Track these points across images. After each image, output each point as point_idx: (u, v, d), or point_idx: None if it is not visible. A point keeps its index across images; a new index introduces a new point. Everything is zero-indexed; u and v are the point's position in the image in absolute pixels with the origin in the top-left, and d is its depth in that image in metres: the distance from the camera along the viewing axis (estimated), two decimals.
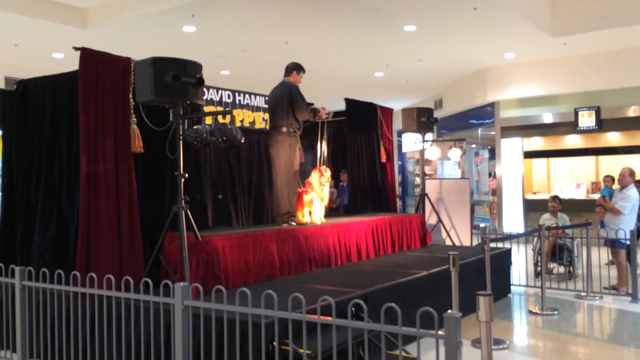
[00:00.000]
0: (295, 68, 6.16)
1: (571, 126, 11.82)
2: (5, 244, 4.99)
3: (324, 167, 6.36)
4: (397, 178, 16.18)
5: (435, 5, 8.36)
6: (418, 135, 8.57)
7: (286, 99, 5.95)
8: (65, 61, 10.49)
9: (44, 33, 9.30)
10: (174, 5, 8.19)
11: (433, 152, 8.87)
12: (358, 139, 8.11)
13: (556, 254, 7.93)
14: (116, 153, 4.54)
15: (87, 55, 4.48)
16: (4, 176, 5.22)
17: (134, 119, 4.64)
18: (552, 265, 8.08)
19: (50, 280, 3.88)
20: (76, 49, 4.44)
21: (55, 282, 3.85)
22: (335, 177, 8.35)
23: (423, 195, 8.37)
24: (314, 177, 6.18)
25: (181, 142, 4.49)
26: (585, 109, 11.61)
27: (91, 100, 4.44)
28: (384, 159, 8.44)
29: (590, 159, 12.73)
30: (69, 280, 3.81)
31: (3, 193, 5.20)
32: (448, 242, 8.28)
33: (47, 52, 10.44)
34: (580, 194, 12.36)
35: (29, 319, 4.04)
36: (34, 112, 5.01)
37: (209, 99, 6.59)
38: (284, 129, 5.95)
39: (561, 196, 9.18)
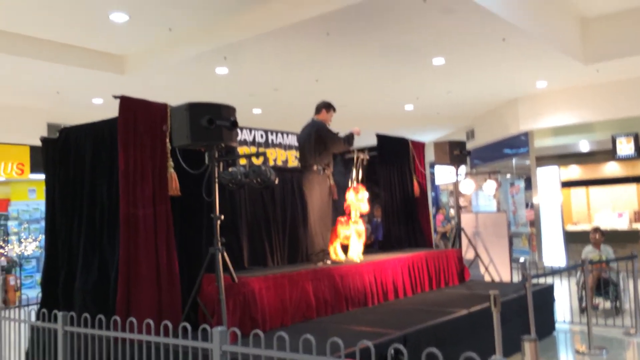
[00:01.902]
0: (324, 106, 6.22)
1: (609, 154, 11.55)
2: (48, 288, 5.09)
3: (359, 185, 6.33)
4: (432, 211, 16.02)
5: (463, 38, 8.39)
6: (451, 168, 8.50)
7: (313, 138, 6.01)
8: (105, 106, 10.90)
9: (84, 80, 9.69)
10: (207, 49, 8.46)
11: (467, 186, 8.76)
12: (390, 173, 8.08)
13: (601, 288, 7.65)
14: (154, 197, 4.63)
15: (126, 103, 4.62)
16: (47, 221, 5.36)
17: (171, 163, 4.74)
18: (597, 300, 7.78)
19: (92, 325, 3.93)
20: (116, 97, 4.60)
21: (96, 327, 3.89)
22: (369, 213, 8.30)
23: (459, 229, 8.24)
24: (350, 196, 6.16)
25: (217, 184, 4.56)
26: (623, 135, 11.35)
27: (130, 146, 4.57)
28: (417, 193, 8.38)
29: (631, 187, 12.38)
30: (110, 325, 3.85)
31: (46, 238, 5.33)
32: (487, 278, 8.09)
33: (87, 98, 10.85)
34: (623, 224, 11.98)
35: None
36: (75, 158, 5.16)
37: (242, 139, 6.71)
38: (314, 167, 5.99)
39: (602, 226, 8.92)
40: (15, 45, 8.28)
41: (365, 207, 6.31)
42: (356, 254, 6.18)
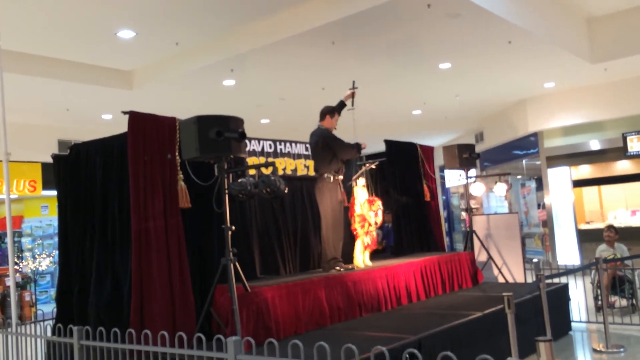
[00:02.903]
0: (328, 112, 6.21)
1: (620, 152, 11.46)
2: (63, 303, 5.14)
3: (374, 197, 6.34)
4: (443, 214, 15.96)
5: (469, 42, 8.40)
6: (461, 171, 8.48)
7: (320, 147, 6.03)
8: (114, 121, 11.01)
9: (93, 97, 9.80)
10: (213, 61, 8.53)
11: (477, 188, 8.73)
12: (400, 179, 8.09)
13: (617, 286, 7.57)
14: (165, 210, 4.67)
15: (135, 118, 4.68)
16: (60, 236, 5.42)
17: (181, 176, 4.79)
18: (613, 298, 7.71)
19: (107, 338, 3.96)
20: (125, 113, 4.66)
21: (111, 341, 3.93)
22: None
23: (471, 232, 8.21)
24: (364, 208, 6.15)
25: (227, 195, 4.59)
26: (633, 133, 11.26)
27: (140, 160, 4.62)
28: (427, 197, 8.36)
29: None
30: (125, 338, 3.88)
31: (60, 253, 5.39)
32: (500, 280, 8.04)
33: (97, 114, 10.97)
34: (637, 221, 11.86)
35: None
36: (86, 174, 5.23)
37: (251, 149, 6.74)
38: (325, 175, 6.00)
39: (616, 224, 8.84)
40: (25, 64, 8.41)
41: (379, 219, 6.32)
42: (361, 259, 6.20)
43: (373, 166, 6.70)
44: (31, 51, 8.41)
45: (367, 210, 6.19)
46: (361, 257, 6.22)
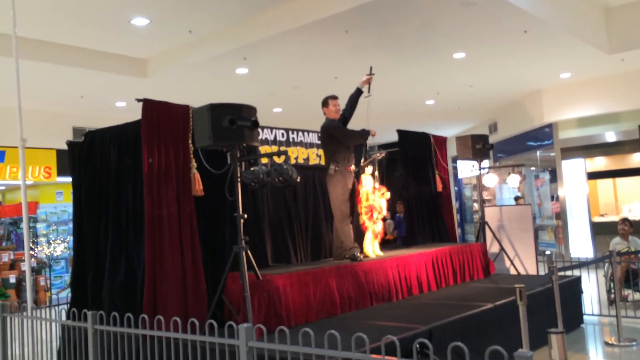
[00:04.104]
0: (324, 103, 6.19)
1: (636, 144, 11.31)
2: (77, 287, 5.21)
3: (381, 187, 6.34)
4: (455, 205, 15.89)
5: (484, 31, 8.30)
6: (474, 162, 8.43)
7: (324, 138, 6.08)
8: (128, 109, 11.06)
9: (107, 84, 9.85)
10: (227, 50, 8.53)
11: (490, 179, 8.67)
12: (412, 169, 8.05)
13: (630, 279, 7.51)
14: (178, 197, 4.70)
15: (149, 106, 4.70)
16: (75, 222, 5.47)
17: (194, 164, 4.81)
18: (626, 292, 7.65)
19: (121, 323, 4.01)
20: (139, 100, 4.67)
21: (125, 326, 3.97)
22: (391, 209, 8.28)
23: (483, 223, 8.17)
24: (373, 196, 6.15)
25: (239, 184, 4.60)
26: None
27: (153, 148, 4.64)
28: (440, 188, 8.33)
29: None
30: (138, 324, 3.92)
31: (74, 239, 5.44)
32: (512, 272, 8.01)
33: (111, 102, 11.03)
34: None
35: None
36: (100, 161, 5.27)
37: (263, 138, 6.75)
38: (332, 166, 5.99)
39: (631, 217, 8.76)
40: (40, 51, 8.47)
41: (384, 209, 6.33)
42: (371, 250, 6.20)
43: (382, 155, 6.63)
44: (46, 38, 8.47)
45: (379, 198, 6.19)
46: (371, 247, 6.22)
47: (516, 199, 12.63)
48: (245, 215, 4.63)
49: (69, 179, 5.63)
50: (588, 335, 6.54)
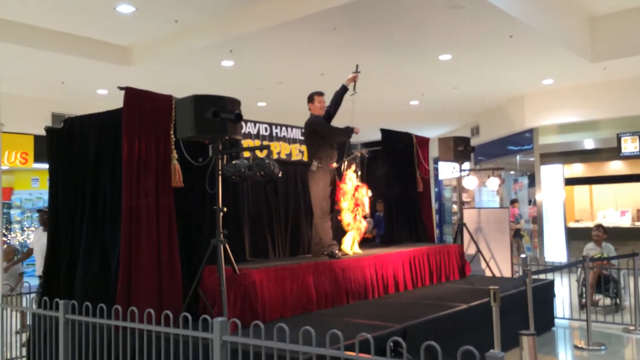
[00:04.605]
0: (309, 99, 6.19)
1: (614, 152, 11.52)
2: (50, 276, 5.13)
3: (364, 185, 6.35)
4: (434, 206, 16.00)
5: (470, 35, 8.37)
6: (455, 164, 8.50)
7: (308, 134, 6.08)
8: (109, 97, 10.92)
9: (89, 71, 9.71)
10: (213, 41, 8.46)
11: (470, 182, 8.75)
12: (394, 168, 8.08)
13: (601, 285, 7.65)
14: (157, 188, 4.65)
15: (131, 94, 4.64)
16: (50, 210, 5.39)
17: (175, 155, 4.76)
18: (597, 297, 7.79)
19: (93, 314, 3.97)
20: (121, 88, 4.61)
21: (97, 316, 3.93)
22: (371, 208, 8.31)
23: (461, 225, 8.24)
24: (359, 193, 6.15)
25: (220, 177, 4.58)
26: (628, 134, 11.32)
27: (134, 137, 4.58)
28: (420, 188, 8.38)
29: (635, 185, 12.33)
30: (111, 314, 3.88)
31: (50, 227, 5.36)
32: (488, 273, 8.11)
33: (92, 89, 10.87)
34: (626, 222, 11.96)
35: (71, 352, 4.12)
36: (79, 149, 5.19)
37: (246, 132, 6.72)
38: (315, 162, 5.99)
39: (605, 224, 8.90)
40: (21, 35, 8.30)
41: (367, 207, 6.35)
42: (349, 246, 6.22)
43: (361, 154, 6.66)
44: (27, 21, 8.30)
45: (363, 196, 6.20)
46: (350, 245, 6.24)
47: (512, 202, 12.88)
48: (225, 209, 4.60)
49: (45, 166, 5.54)
50: (558, 338, 6.65)
